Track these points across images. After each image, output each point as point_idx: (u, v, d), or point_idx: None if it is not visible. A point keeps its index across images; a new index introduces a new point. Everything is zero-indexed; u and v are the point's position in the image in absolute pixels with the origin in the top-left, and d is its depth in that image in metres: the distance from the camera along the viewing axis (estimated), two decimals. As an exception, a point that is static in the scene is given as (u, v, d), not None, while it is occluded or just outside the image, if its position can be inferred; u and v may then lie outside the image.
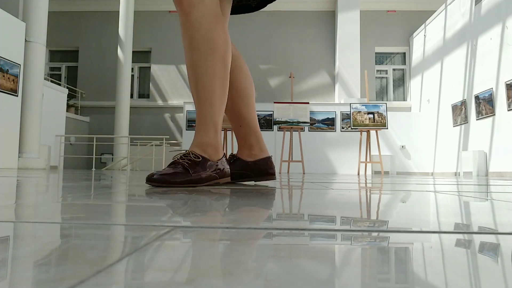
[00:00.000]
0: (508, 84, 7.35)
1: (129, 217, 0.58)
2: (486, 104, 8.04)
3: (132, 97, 12.45)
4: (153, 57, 12.57)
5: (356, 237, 0.44)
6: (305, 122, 7.87)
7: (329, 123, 9.74)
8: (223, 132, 7.64)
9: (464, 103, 8.87)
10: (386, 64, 12.77)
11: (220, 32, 1.49)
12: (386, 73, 12.77)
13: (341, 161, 9.57)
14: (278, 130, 9.20)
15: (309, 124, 8.16)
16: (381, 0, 12.37)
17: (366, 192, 1.32)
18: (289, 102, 7.93)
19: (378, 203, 0.93)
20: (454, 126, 9.36)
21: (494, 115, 7.80)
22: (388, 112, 9.91)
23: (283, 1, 12.06)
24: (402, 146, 10.63)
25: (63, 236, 0.42)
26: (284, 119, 7.82)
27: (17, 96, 7.35)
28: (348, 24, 11.74)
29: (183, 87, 12.41)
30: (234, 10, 1.80)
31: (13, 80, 7.25)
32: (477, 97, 8.35)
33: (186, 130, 9.60)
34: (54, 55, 13.15)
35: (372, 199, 1.04)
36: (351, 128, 7.93)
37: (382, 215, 0.67)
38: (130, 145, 10.69)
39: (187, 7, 1.46)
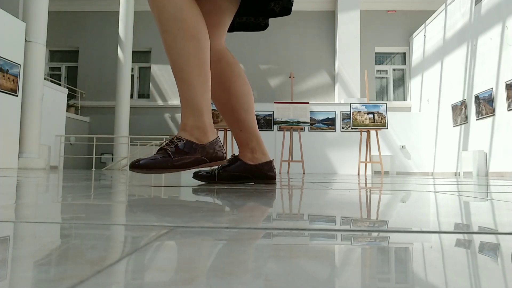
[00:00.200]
0: (508, 84, 7.35)
1: (129, 217, 0.58)
2: (486, 104, 8.04)
3: (132, 97, 12.46)
4: (153, 57, 12.57)
5: (356, 237, 0.43)
6: (305, 122, 7.87)
7: (329, 123, 9.74)
8: (223, 132, 7.63)
9: (464, 103, 8.87)
10: (386, 64, 12.77)
11: (189, 11, 1.42)
12: (386, 73, 12.77)
13: (341, 161, 9.57)
14: (278, 130, 9.20)
15: (309, 124, 8.16)
16: (381, 0, 12.38)
17: (366, 192, 1.32)
18: (289, 102, 7.93)
19: (378, 203, 0.93)
20: (454, 126, 9.36)
21: (494, 115, 7.80)
22: (388, 112, 9.91)
23: (283, 1, 12.04)
24: (402, 146, 10.63)
25: (63, 236, 0.42)
26: (284, 119, 7.83)
27: (17, 96, 7.35)
28: (348, 24, 11.75)
29: (183, 87, 12.40)
30: (243, 27, 1.83)
31: (13, 80, 7.25)
32: (477, 97, 8.35)
33: (186, 130, 9.59)
34: (54, 55, 13.15)
35: (372, 199, 1.04)
36: (351, 128, 7.93)
37: (382, 215, 0.67)
38: (130, 145, 10.69)
39: None
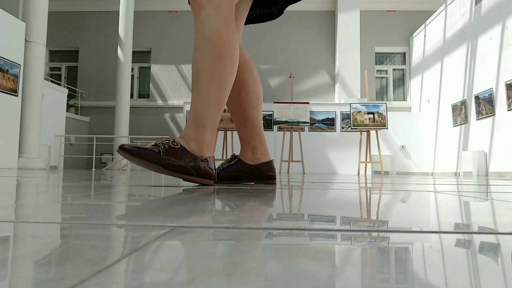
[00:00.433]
0: (508, 84, 7.35)
1: (129, 217, 0.58)
2: (486, 104, 8.04)
3: (132, 97, 12.46)
4: (153, 57, 12.57)
5: (356, 237, 0.43)
6: (305, 122, 7.87)
7: (329, 123, 9.74)
8: (223, 132, 7.63)
9: (464, 103, 8.87)
10: (386, 64, 12.78)
11: (222, 34, 1.48)
12: (386, 73, 12.77)
13: (341, 161, 9.57)
14: (278, 130, 9.20)
15: (309, 124, 8.16)
16: (381, 0, 12.38)
17: (366, 192, 1.32)
18: (289, 102, 7.93)
19: (378, 203, 0.93)
20: (454, 126, 9.36)
21: (494, 115, 7.80)
22: (388, 112, 9.91)
23: (283, 1, 12.05)
24: (402, 146, 10.63)
25: (63, 236, 0.42)
26: (284, 119, 7.82)
27: (17, 96, 7.35)
28: (348, 24, 11.75)
29: (183, 87, 12.41)
30: (256, 19, 1.85)
31: (13, 80, 7.25)
32: (477, 97, 8.35)
33: (186, 130, 9.59)
34: (54, 55, 13.15)
35: (372, 199, 1.04)
36: (351, 128, 7.93)
37: (382, 215, 0.67)
38: (130, 145, 10.68)
39: (197, 9, 1.51)
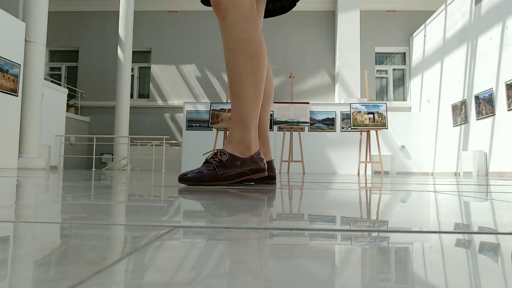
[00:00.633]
0: (508, 84, 7.35)
1: (129, 217, 0.58)
2: (486, 104, 8.04)
3: (132, 97, 12.45)
4: (153, 57, 12.57)
5: (356, 237, 0.43)
6: (305, 122, 7.87)
7: (329, 123, 9.74)
8: (223, 132, 7.64)
9: (464, 103, 8.87)
10: (386, 64, 12.78)
11: (252, 33, 1.55)
12: (386, 73, 12.77)
13: (341, 161, 9.57)
14: (278, 130, 9.19)
15: (309, 124, 8.15)
16: (381, 0, 12.37)
17: (366, 192, 1.32)
18: (289, 102, 7.93)
19: (378, 203, 0.93)
20: (454, 126, 9.36)
21: (494, 115, 7.80)
22: (388, 112, 9.90)
23: (283, 1, 12.04)
24: (402, 146, 10.63)
25: (63, 236, 0.42)
26: (284, 119, 7.82)
27: (17, 96, 7.35)
28: (348, 24, 11.74)
29: (183, 87, 12.41)
30: (269, 13, 1.86)
31: (13, 80, 7.25)
32: (477, 97, 8.35)
33: (186, 130, 9.59)
34: (54, 55, 13.15)
35: (372, 199, 1.04)
36: (351, 128, 7.93)
37: (382, 215, 0.67)
38: (130, 145, 10.69)
39: (223, 12, 1.54)
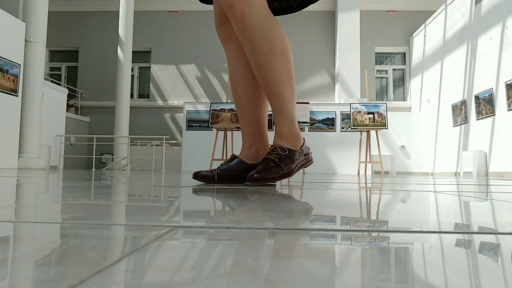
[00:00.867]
0: (508, 84, 7.35)
1: (129, 217, 0.58)
2: (486, 104, 8.04)
3: (132, 97, 12.46)
4: (153, 57, 12.57)
5: (356, 237, 0.43)
6: (305, 122, 7.86)
7: (329, 123, 9.73)
8: (223, 132, 7.63)
9: (464, 103, 8.87)
10: (386, 64, 12.78)
11: (276, 31, 1.57)
12: (386, 73, 12.77)
13: (341, 161, 9.57)
14: (278, 130, 9.18)
15: (309, 124, 8.15)
16: (381, 0, 12.38)
17: (366, 192, 1.32)
18: (289, 102, 7.91)
19: (378, 203, 0.93)
20: (454, 126, 9.36)
21: (494, 115, 7.80)
22: (388, 112, 9.90)
23: (283, 1, 12.06)
24: (402, 146, 10.63)
25: (63, 236, 0.42)
26: (284, 119, 7.80)
27: (17, 96, 7.35)
28: (348, 24, 11.74)
29: (183, 87, 12.41)
30: (275, 12, 1.83)
31: (13, 80, 7.25)
32: (477, 97, 8.35)
33: (186, 130, 9.59)
34: (54, 55, 13.15)
35: (372, 199, 1.04)
36: (351, 128, 7.92)
37: (382, 215, 0.67)
38: (130, 145, 10.69)
39: (240, 16, 1.54)
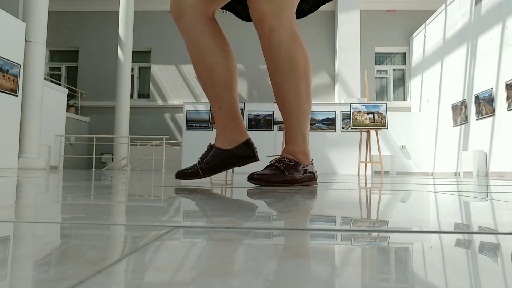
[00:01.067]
0: (508, 84, 7.35)
1: (129, 217, 0.58)
2: (486, 104, 8.04)
3: (132, 97, 12.45)
4: (153, 57, 12.57)
5: (356, 237, 0.43)
6: (305, 122, 7.85)
7: (329, 123, 9.73)
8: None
9: (464, 103, 8.87)
10: (386, 64, 12.77)
11: (299, 52, 1.59)
12: (386, 73, 12.77)
13: (341, 161, 9.57)
14: (278, 130, 9.19)
15: (309, 124, 8.14)
16: (381, 0, 12.37)
17: (366, 192, 1.32)
18: (289, 102, 7.91)
19: (378, 203, 0.93)
20: (454, 126, 9.36)
21: (494, 115, 7.80)
22: (388, 112, 9.90)
23: (283, 1, 12.06)
24: (402, 146, 10.63)
25: (63, 236, 0.42)
26: (284, 119, 7.81)
27: (17, 96, 7.35)
28: (348, 24, 11.74)
29: (183, 87, 12.41)
30: None
31: (13, 80, 7.25)
32: (477, 97, 8.35)
33: (186, 130, 9.59)
34: (54, 55, 13.15)
35: (372, 199, 1.04)
36: (351, 128, 7.93)
37: (382, 215, 0.67)
38: (130, 145, 10.69)
39: (268, 31, 1.54)
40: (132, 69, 12.43)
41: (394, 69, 12.75)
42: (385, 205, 0.87)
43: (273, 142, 9.62)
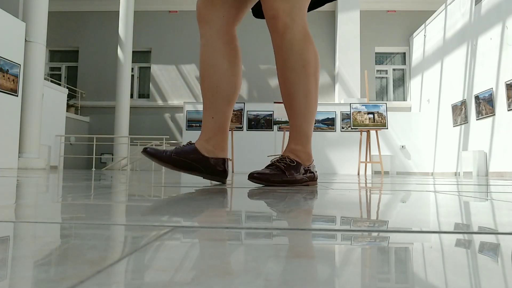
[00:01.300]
0: (508, 84, 7.35)
1: (129, 217, 0.58)
2: (486, 104, 8.04)
3: (132, 97, 12.45)
4: (153, 57, 12.56)
5: (356, 237, 0.43)
6: (305, 122, 7.85)
7: (329, 123, 9.73)
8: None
9: (464, 103, 8.87)
10: (386, 64, 12.77)
11: (311, 51, 1.60)
12: (386, 73, 12.77)
13: (341, 161, 9.57)
14: (278, 130, 9.19)
15: (310, 124, 8.14)
16: (381, 0, 12.37)
17: (366, 192, 1.32)
18: (289, 102, 7.91)
19: (378, 203, 0.93)
20: (454, 126, 9.36)
21: (494, 115, 7.80)
22: (388, 112, 9.91)
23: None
24: (402, 146, 10.63)
25: (63, 236, 0.42)
26: (284, 119, 7.82)
27: (17, 96, 7.35)
28: (348, 24, 11.74)
29: (183, 87, 12.41)
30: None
31: (13, 80, 7.25)
32: (477, 97, 8.35)
33: (186, 130, 9.59)
34: (54, 55, 13.14)
35: (372, 199, 1.04)
36: (351, 128, 7.93)
37: (382, 215, 0.67)
38: (130, 145, 10.69)
39: (282, 29, 1.54)
40: (132, 69, 12.43)
41: (394, 69, 12.75)
42: (385, 205, 0.87)
43: (273, 142, 9.61)
